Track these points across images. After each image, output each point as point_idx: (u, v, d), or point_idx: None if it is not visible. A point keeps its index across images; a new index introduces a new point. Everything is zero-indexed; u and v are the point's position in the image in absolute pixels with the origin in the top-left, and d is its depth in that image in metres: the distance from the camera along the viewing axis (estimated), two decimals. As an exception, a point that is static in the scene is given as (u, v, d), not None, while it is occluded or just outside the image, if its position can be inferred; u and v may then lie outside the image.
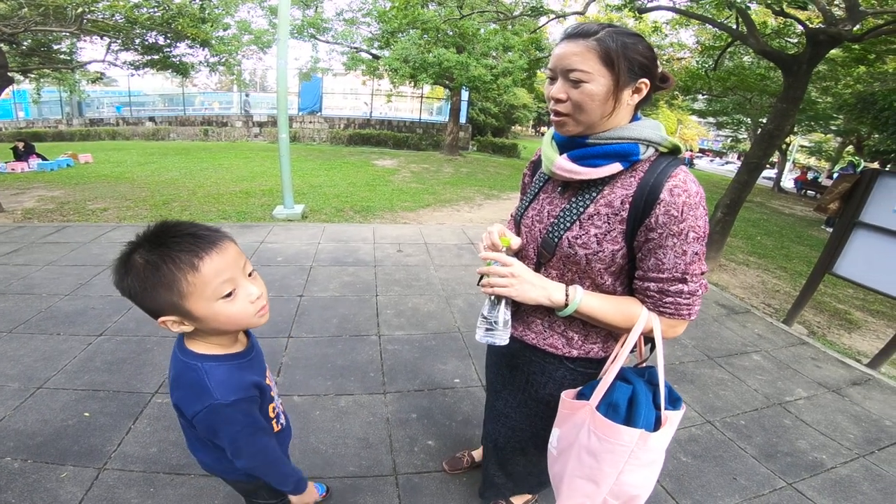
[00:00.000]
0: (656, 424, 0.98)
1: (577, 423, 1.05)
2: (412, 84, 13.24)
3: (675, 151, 1.00)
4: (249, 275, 0.93)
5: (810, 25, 4.56)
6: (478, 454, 1.94)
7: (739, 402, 2.64)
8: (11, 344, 2.64)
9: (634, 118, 1.01)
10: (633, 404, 0.99)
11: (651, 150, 0.98)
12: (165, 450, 1.93)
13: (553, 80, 0.97)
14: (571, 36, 0.92)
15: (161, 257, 0.80)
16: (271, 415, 1.13)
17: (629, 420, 0.98)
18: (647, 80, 0.93)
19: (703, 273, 0.97)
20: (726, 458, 2.17)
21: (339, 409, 2.27)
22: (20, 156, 9.32)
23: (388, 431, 2.15)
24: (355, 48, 14.89)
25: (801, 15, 5.05)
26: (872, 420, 2.59)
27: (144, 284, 0.81)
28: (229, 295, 0.87)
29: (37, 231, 4.87)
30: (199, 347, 0.94)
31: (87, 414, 2.11)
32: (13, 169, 8.80)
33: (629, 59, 0.90)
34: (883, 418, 2.61)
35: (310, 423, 2.15)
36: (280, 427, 1.20)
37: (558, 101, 0.96)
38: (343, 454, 1.98)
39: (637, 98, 0.95)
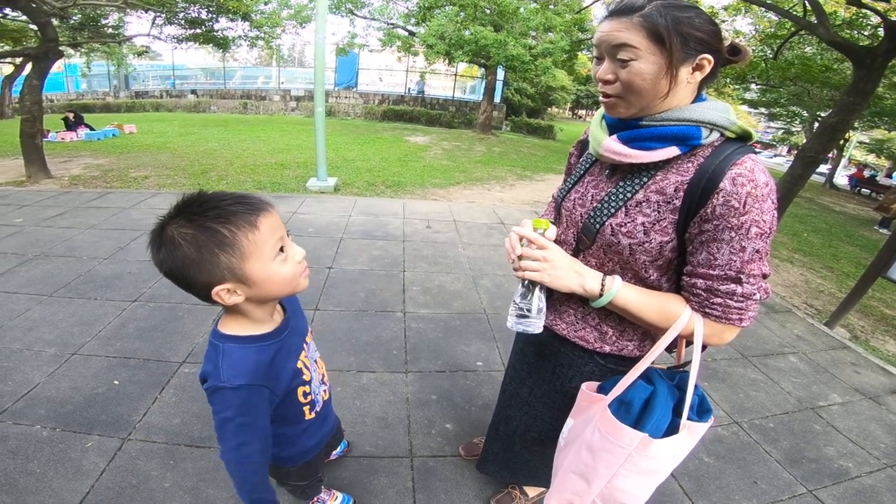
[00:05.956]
0: (670, 432, 0.91)
1: (588, 417, 1.01)
2: (447, 61, 13.02)
3: (745, 137, 0.88)
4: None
5: (889, 17, 4.22)
6: None
7: (770, 403, 2.53)
8: (52, 307, 2.74)
9: (699, 98, 0.90)
10: (647, 406, 0.93)
11: (716, 135, 0.87)
12: (188, 421, 1.95)
13: (600, 60, 0.89)
14: (616, 12, 0.83)
15: (215, 221, 0.79)
16: (302, 399, 1.09)
17: (638, 422, 0.92)
18: (709, 56, 0.83)
19: (764, 276, 0.85)
20: (749, 460, 2.09)
21: (361, 385, 2.28)
22: (70, 126, 9.75)
23: (407, 412, 2.14)
24: (392, 24, 14.71)
25: (879, 6, 4.67)
26: (908, 431, 2.44)
27: (200, 251, 0.78)
28: (281, 251, 0.87)
29: (81, 196, 5.08)
30: (228, 327, 0.93)
31: (116, 382, 2.15)
32: (63, 138, 9.24)
33: (683, 35, 0.79)
34: (921, 430, 2.46)
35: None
36: (314, 415, 1.15)
37: (606, 82, 0.87)
38: (361, 433, 1.99)
39: (699, 76, 0.85)
